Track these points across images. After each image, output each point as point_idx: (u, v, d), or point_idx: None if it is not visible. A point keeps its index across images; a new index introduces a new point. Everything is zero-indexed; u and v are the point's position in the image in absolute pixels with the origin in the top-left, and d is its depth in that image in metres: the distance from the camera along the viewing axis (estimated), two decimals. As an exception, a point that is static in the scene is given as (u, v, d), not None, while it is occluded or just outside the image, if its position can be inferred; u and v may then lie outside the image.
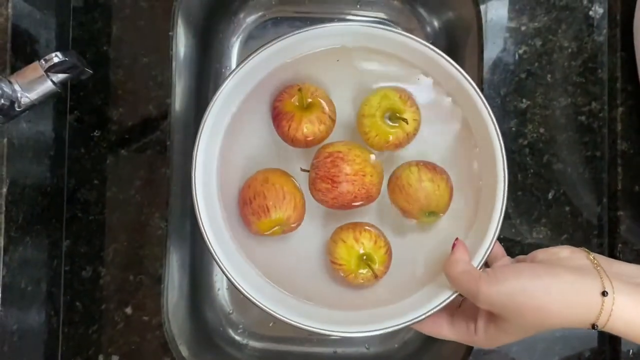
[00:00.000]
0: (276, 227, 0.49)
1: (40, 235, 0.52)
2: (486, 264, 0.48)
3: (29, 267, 0.51)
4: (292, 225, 0.50)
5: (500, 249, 0.49)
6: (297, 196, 0.49)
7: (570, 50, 0.58)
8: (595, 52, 0.58)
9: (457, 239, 0.46)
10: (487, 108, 0.48)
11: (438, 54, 0.48)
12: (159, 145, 0.56)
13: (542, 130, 0.58)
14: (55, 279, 0.55)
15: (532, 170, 0.58)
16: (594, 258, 0.42)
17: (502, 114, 0.58)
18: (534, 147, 0.58)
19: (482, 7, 0.57)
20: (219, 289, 0.65)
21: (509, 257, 0.48)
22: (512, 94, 0.58)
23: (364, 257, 0.49)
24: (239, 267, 0.50)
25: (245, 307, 0.65)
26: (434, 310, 0.47)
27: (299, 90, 0.50)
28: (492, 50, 0.58)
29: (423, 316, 0.47)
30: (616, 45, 0.57)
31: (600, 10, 0.58)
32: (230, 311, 0.65)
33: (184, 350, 0.57)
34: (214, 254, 0.48)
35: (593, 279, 0.39)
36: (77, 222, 0.56)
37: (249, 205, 0.49)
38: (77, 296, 0.56)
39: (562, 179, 0.58)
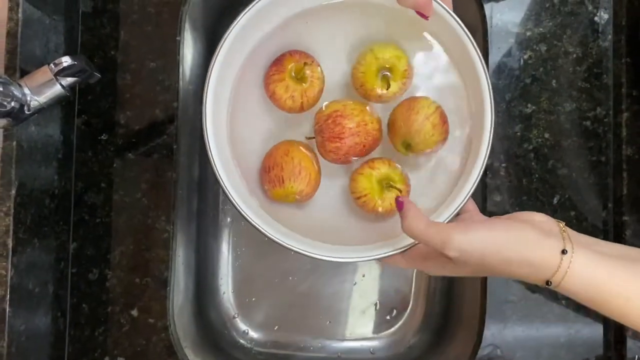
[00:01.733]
0: (289, 197, 0.51)
1: (48, 238, 0.53)
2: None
3: (36, 269, 0.51)
4: (305, 197, 0.52)
5: (472, 204, 0.50)
6: (312, 172, 0.51)
7: (575, 55, 0.58)
8: (601, 58, 0.58)
9: (397, 197, 0.46)
10: (482, 62, 0.48)
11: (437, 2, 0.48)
12: (165, 149, 0.57)
13: (547, 135, 0.58)
14: (62, 281, 0.55)
15: (537, 175, 0.58)
16: (563, 226, 0.44)
17: (507, 119, 0.58)
18: (539, 152, 0.58)
19: (487, 12, 0.58)
20: (224, 293, 0.65)
21: (481, 214, 0.49)
22: (517, 99, 0.58)
23: (384, 180, 0.50)
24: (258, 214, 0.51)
25: (250, 310, 0.65)
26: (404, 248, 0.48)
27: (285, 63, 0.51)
28: (497, 55, 0.58)
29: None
30: (621, 50, 0.58)
31: (606, 16, 0.58)
32: (235, 315, 0.65)
33: (189, 353, 0.57)
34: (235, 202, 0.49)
35: (557, 240, 0.42)
36: (84, 225, 0.56)
37: (267, 173, 0.51)
38: (84, 298, 0.56)
39: (567, 183, 0.58)
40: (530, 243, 0.42)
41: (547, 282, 0.42)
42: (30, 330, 0.50)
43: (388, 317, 0.66)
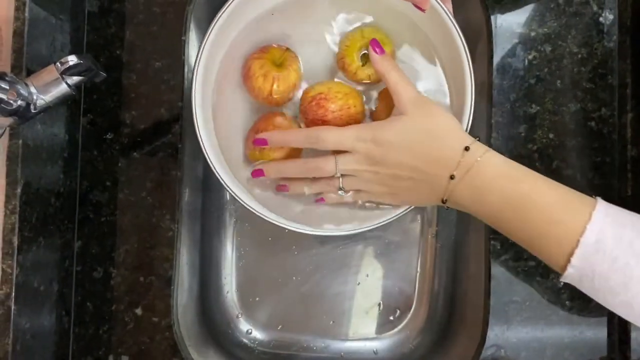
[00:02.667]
0: (262, 160, 0.53)
1: (53, 236, 0.53)
2: None
3: (41, 267, 0.51)
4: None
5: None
6: (288, 147, 0.53)
7: (580, 56, 0.58)
8: (606, 58, 0.58)
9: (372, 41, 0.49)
10: (468, 62, 0.50)
11: None
12: (170, 148, 0.57)
13: (551, 135, 0.58)
14: (67, 279, 0.55)
15: (541, 176, 0.58)
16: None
17: (511, 119, 0.58)
18: (543, 152, 0.58)
19: (491, 13, 0.58)
20: (227, 292, 0.66)
21: None
22: (521, 100, 0.58)
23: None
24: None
25: (253, 310, 0.65)
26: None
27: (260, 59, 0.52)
28: (502, 55, 0.58)
29: None
30: (626, 51, 0.57)
31: (611, 17, 0.58)
32: (239, 314, 0.65)
33: (192, 352, 0.57)
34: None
35: (462, 138, 0.46)
36: (89, 223, 0.57)
37: (253, 133, 0.52)
38: (88, 296, 0.56)
39: (572, 184, 0.57)
40: (440, 137, 0.45)
41: (451, 177, 0.44)
42: (35, 328, 0.51)
43: (391, 318, 0.66)
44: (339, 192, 0.50)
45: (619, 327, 0.57)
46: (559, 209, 0.42)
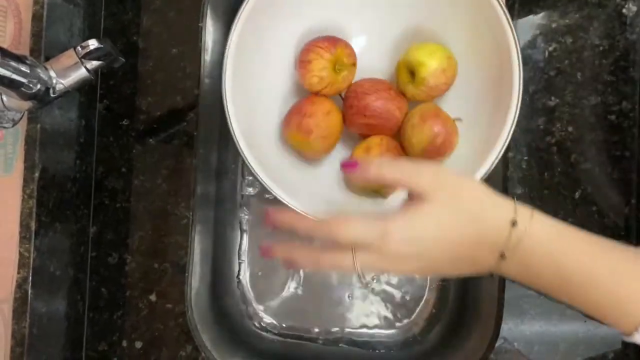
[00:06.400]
0: (302, 146, 0.52)
1: (69, 221, 0.53)
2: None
3: (57, 252, 0.51)
4: (310, 157, 0.53)
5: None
6: (334, 141, 0.52)
7: (601, 48, 0.57)
8: (628, 51, 0.57)
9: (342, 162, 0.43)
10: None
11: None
12: (185, 136, 0.57)
13: (570, 128, 0.57)
14: (82, 264, 0.56)
15: (559, 169, 0.57)
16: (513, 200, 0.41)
17: (530, 112, 0.57)
18: (561, 145, 0.57)
19: (511, 3, 0.57)
20: (239, 281, 0.66)
21: None
22: (541, 92, 0.57)
23: None
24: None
25: (265, 299, 0.66)
26: None
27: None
28: (522, 46, 0.57)
29: None
30: (649, 44, 0.57)
31: (634, 8, 0.57)
32: (250, 303, 0.65)
33: (205, 339, 0.57)
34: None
35: (505, 209, 0.38)
36: (104, 210, 0.57)
37: (300, 116, 0.51)
38: (103, 282, 0.57)
39: (590, 178, 0.57)
40: (479, 217, 0.38)
41: (501, 255, 0.38)
42: (51, 313, 0.51)
43: (403, 309, 0.66)
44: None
45: (634, 322, 0.56)
46: (621, 279, 0.38)
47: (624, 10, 0.57)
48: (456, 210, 0.38)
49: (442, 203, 0.38)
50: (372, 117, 0.50)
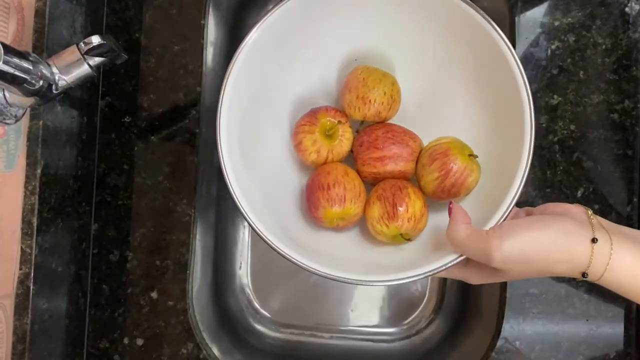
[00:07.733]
0: (339, 220, 0.49)
1: (71, 218, 0.53)
2: None
3: (59, 248, 0.51)
4: (351, 223, 0.50)
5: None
6: (364, 196, 0.50)
7: (604, 46, 0.57)
8: (630, 49, 0.57)
9: (451, 202, 0.45)
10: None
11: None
12: (187, 133, 0.57)
13: (572, 127, 0.57)
14: (84, 261, 0.56)
15: (561, 167, 0.57)
16: (591, 214, 0.42)
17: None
18: (564, 144, 0.57)
19: (514, 1, 0.57)
20: (241, 279, 0.66)
21: (515, 208, 0.47)
22: (543, 90, 0.57)
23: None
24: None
25: (266, 297, 0.66)
26: (447, 265, 0.45)
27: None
28: (524, 45, 0.57)
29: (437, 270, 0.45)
30: (652, 42, 0.56)
31: (637, 7, 0.57)
32: (252, 301, 0.65)
33: (206, 337, 0.57)
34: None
35: (585, 229, 0.40)
36: (106, 207, 0.57)
37: (325, 191, 0.48)
38: (104, 279, 0.57)
39: (592, 177, 0.57)
40: (570, 237, 0.40)
41: (583, 275, 0.40)
42: (52, 309, 0.51)
43: (404, 307, 0.65)
44: None
45: (636, 321, 0.56)
46: None
47: (626, 9, 0.57)
48: (529, 273, 0.42)
49: (518, 274, 0.42)
50: (385, 148, 0.49)
